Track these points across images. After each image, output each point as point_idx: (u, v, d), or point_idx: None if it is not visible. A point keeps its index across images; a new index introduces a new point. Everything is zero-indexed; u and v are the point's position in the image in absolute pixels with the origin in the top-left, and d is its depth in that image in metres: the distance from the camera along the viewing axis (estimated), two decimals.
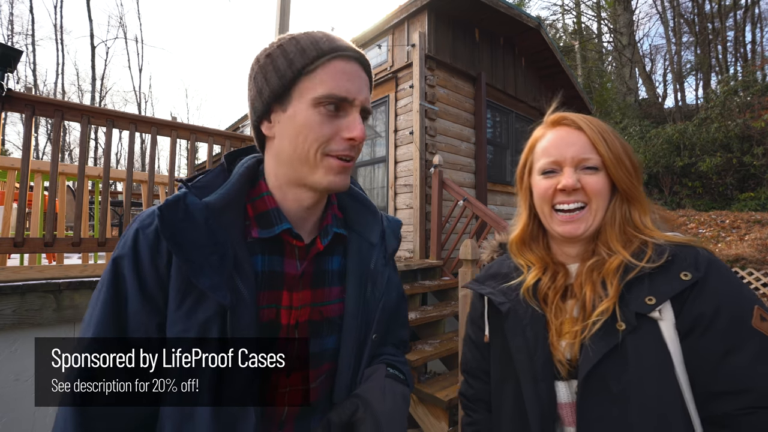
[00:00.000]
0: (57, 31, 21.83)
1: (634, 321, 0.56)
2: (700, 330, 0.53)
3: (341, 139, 0.55)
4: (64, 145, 22.40)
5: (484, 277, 0.78)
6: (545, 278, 0.69)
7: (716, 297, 0.53)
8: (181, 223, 0.51)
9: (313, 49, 0.54)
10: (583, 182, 0.64)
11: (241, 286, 0.52)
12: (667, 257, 0.57)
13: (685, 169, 11.28)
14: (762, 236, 7.21)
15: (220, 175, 0.61)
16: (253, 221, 0.58)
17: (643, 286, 0.57)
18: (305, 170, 0.56)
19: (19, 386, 1.75)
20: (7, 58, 2.03)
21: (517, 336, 0.67)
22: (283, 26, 3.12)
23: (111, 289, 0.52)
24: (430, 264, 3.66)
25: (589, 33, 20.10)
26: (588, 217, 0.65)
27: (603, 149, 0.64)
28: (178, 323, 0.51)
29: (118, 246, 0.54)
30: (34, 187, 2.77)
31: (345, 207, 0.69)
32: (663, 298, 0.55)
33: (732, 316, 0.52)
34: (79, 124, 2.19)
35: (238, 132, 6.97)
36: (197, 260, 0.50)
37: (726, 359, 0.51)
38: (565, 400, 0.62)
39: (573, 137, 0.66)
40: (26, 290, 1.81)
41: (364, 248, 0.67)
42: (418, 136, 4.09)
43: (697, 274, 0.54)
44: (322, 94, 0.53)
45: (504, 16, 4.63)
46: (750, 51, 15.63)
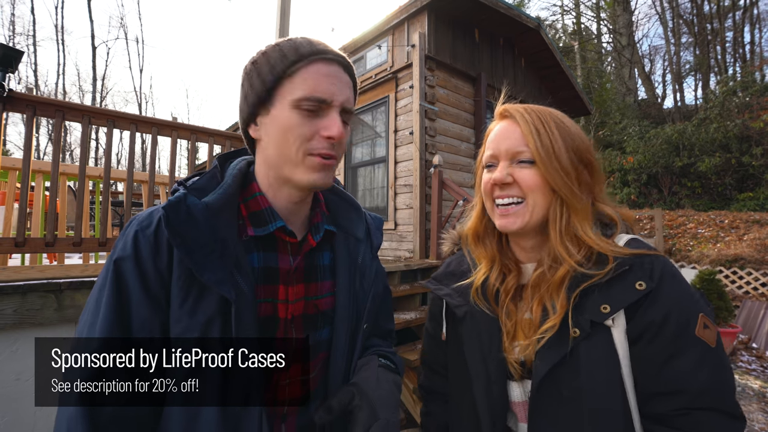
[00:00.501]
0: (58, 32, 21.84)
1: (588, 328, 0.56)
2: (648, 337, 0.55)
3: (320, 137, 0.57)
4: (65, 145, 22.39)
5: (443, 274, 0.77)
6: (492, 277, 0.68)
7: (666, 306, 0.55)
8: (184, 224, 0.53)
9: (294, 53, 0.57)
10: (515, 176, 0.62)
11: (241, 282, 0.54)
12: (624, 267, 0.57)
13: (684, 169, 11.30)
14: (761, 236, 7.22)
15: (214, 176, 0.63)
16: (247, 220, 0.61)
17: (598, 294, 0.57)
18: (289, 169, 0.59)
19: (20, 386, 1.75)
20: (8, 59, 2.03)
21: (472, 339, 0.67)
22: (284, 27, 3.13)
23: (114, 290, 0.52)
24: (430, 264, 3.66)
25: (588, 33, 20.12)
26: (524, 212, 0.62)
27: (533, 142, 0.61)
28: (182, 320, 0.52)
29: (117, 247, 0.55)
30: (35, 187, 2.78)
31: (331, 205, 0.72)
32: (618, 307, 0.56)
33: (678, 324, 0.54)
34: (80, 125, 2.19)
35: (238, 132, 6.98)
36: (201, 258, 0.52)
37: (668, 364, 0.54)
38: (518, 399, 0.63)
39: (509, 130, 0.64)
40: (27, 290, 1.81)
41: (351, 243, 0.70)
42: (418, 137, 4.10)
43: (651, 284, 0.55)
44: (301, 95, 0.56)
45: (504, 17, 4.64)
46: (749, 51, 15.66)
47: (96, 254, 2.88)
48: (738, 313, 5.20)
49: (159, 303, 0.53)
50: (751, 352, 4.46)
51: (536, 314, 0.62)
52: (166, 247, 0.54)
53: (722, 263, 6.62)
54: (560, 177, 0.60)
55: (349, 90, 0.61)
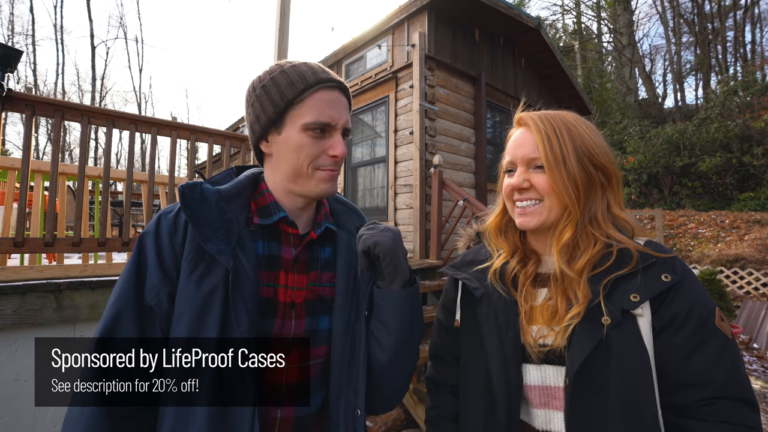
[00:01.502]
0: (57, 32, 21.84)
1: (620, 316, 0.59)
2: (674, 327, 0.59)
3: (327, 156, 0.67)
4: (65, 145, 22.40)
5: (461, 263, 0.80)
6: (513, 262, 0.72)
7: (690, 298, 0.59)
8: (198, 203, 0.63)
9: (301, 82, 0.66)
10: (532, 181, 0.67)
11: (243, 258, 0.62)
12: (649, 261, 0.61)
13: (684, 169, 11.29)
14: (761, 236, 7.22)
15: (229, 174, 0.76)
16: (255, 213, 0.70)
17: (626, 284, 0.61)
18: (301, 181, 0.68)
19: (20, 386, 1.75)
20: (7, 59, 2.03)
21: (489, 320, 0.70)
22: (283, 27, 3.12)
23: (135, 259, 0.63)
24: (430, 264, 3.66)
25: (588, 33, 20.10)
26: (541, 211, 0.67)
27: (542, 148, 0.66)
28: (188, 288, 0.60)
29: (145, 228, 0.66)
30: (35, 187, 2.78)
31: (334, 210, 0.81)
32: (646, 296, 0.59)
33: (700, 317, 0.58)
34: (79, 124, 2.19)
35: (238, 132, 6.97)
36: (207, 231, 0.61)
37: (693, 355, 0.57)
38: (534, 382, 0.65)
39: (524, 137, 0.69)
40: (26, 290, 1.81)
41: (352, 242, 0.77)
42: (418, 136, 4.10)
43: (675, 277, 0.60)
44: (310, 121, 0.65)
45: (504, 16, 4.64)
46: (750, 51, 15.64)
47: (95, 254, 2.88)
48: (739, 313, 5.19)
49: (169, 275, 0.62)
50: (752, 353, 4.45)
51: (561, 304, 0.64)
52: (182, 228, 0.64)
53: (723, 263, 6.61)
54: (564, 183, 0.64)
55: (347, 111, 0.70)
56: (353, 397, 0.68)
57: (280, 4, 3.12)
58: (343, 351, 0.68)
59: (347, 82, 4.26)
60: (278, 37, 3.08)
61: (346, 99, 0.71)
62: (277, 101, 0.66)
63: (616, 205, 0.68)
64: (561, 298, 0.65)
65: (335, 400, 0.67)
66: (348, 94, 0.72)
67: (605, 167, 0.67)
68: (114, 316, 0.59)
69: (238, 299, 0.60)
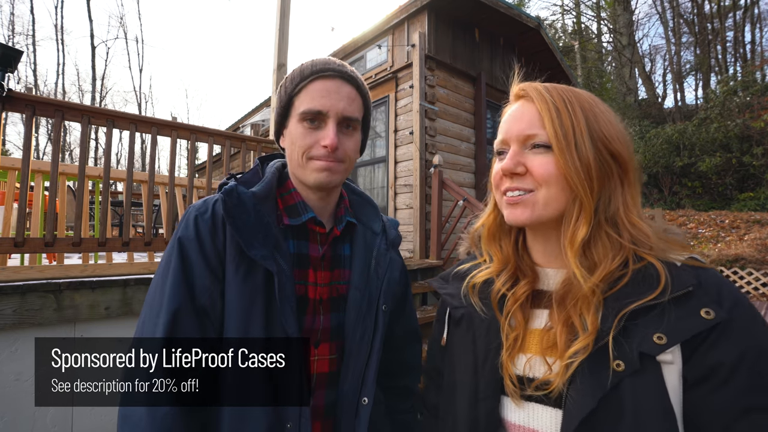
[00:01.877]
0: (57, 32, 21.84)
1: (637, 363, 0.44)
2: (716, 382, 0.43)
3: (319, 146, 0.67)
4: (65, 145, 22.40)
5: (450, 275, 0.70)
6: (501, 280, 0.59)
7: (741, 344, 0.43)
8: (237, 208, 0.64)
9: (299, 75, 0.68)
10: (528, 165, 0.52)
11: (280, 260, 0.64)
12: (684, 288, 0.45)
13: (684, 169, 11.29)
14: (761, 236, 7.22)
15: (256, 173, 0.75)
16: (283, 212, 0.71)
17: (650, 319, 0.45)
18: (300, 172, 0.70)
19: (20, 386, 1.75)
20: (7, 59, 2.03)
21: (464, 344, 0.59)
22: (283, 27, 3.12)
23: (179, 261, 0.62)
24: (430, 264, 3.66)
25: (588, 33, 20.11)
26: (534, 202, 0.52)
27: (549, 122, 0.51)
28: (236, 283, 0.62)
29: (180, 228, 0.65)
30: (35, 187, 2.77)
31: (352, 202, 0.82)
32: (677, 339, 0.43)
33: (756, 369, 0.42)
34: (79, 124, 2.19)
35: (238, 132, 6.97)
36: (248, 236, 0.62)
37: (745, 417, 0.41)
38: (516, 421, 0.52)
39: (524, 111, 0.55)
40: (27, 290, 1.81)
41: (368, 236, 0.78)
42: (418, 136, 4.10)
43: (721, 313, 0.43)
44: (301, 110, 0.67)
45: (504, 17, 4.64)
46: (749, 51, 15.64)
47: (95, 254, 2.88)
48: None
49: (216, 275, 0.63)
50: None
51: (562, 334, 0.50)
52: (221, 229, 0.65)
53: (723, 263, 6.61)
54: (575, 168, 0.50)
55: (349, 99, 0.68)
56: (360, 386, 0.69)
57: (280, 4, 3.12)
58: (352, 342, 0.69)
59: None
60: (278, 37, 3.08)
61: (352, 88, 0.69)
62: (283, 97, 0.70)
63: (632, 208, 0.53)
64: (562, 326, 0.50)
65: (343, 387, 0.69)
66: (356, 83, 0.70)
67: (622, 157, 0.52)
68: (172, 315, 0.59)
69: (285, 301, 0.62)
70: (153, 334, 0.58)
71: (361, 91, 0.71)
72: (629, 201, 0.53)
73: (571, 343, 0.49)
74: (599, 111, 0.54)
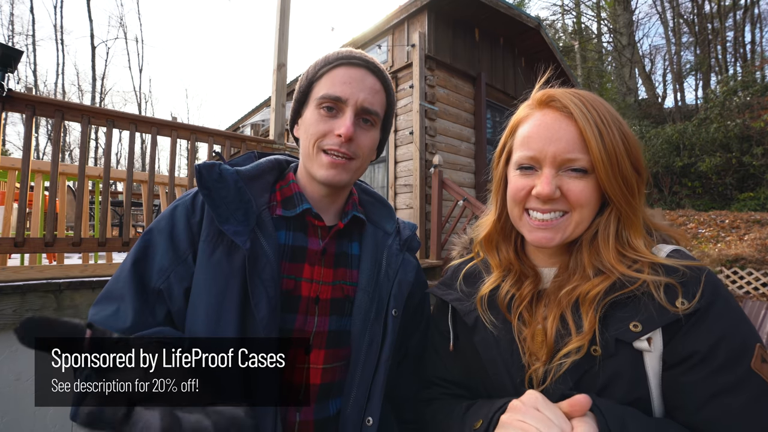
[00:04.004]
0: (57, 32, 21.84)
1: (613, 348, 0.47)
2: (690, 364, 0.46)
3: (333, 135, 0.63)
4: (65, 145, 22.40)
5: (451, 279, 0.68)
6: (507, 285, 0.60)
7: (714, 333, 0.46)
8: (216, 183, 0.60)
9: (323, 61, 0.66)
10: (564, 189, 0.52)
11: (263, 241, 0.60)
12: (665, 280, 0.48)
13: (684, 169, 11.29)
14: (761, 236, 7.22)
15: (250, 158, 0.72)
16: (279, 204, 0.68)
17: (629, 308, 0.48)
18: (309, 163, 0.66)
19: (20, 386, 1.75)
20: (7, 59, 2.03)
21: (489, 348, 0.58)
22: (283, 27, 3.12)
23: (141, 243, 0.59)
24: (430, 264, 3.66)
25: (588, 33, 20.11)
26: (567, 226, 0.53)
27: (595, 147, 0.50)
28: (208, 270, 0.58)
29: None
30: (35, 187, 2.77)
31: (362, 201, 0.77)
32: (650, 327, 0.46)
33: (730, 354, 0.45)
34: (79, 125, 2.19)
35: (239, 132, 6.97)
36: (225, 212, 0.58)
37: (717, 398, 0.44)
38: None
39: (560, 128, 0.52)
40: (27, 290, 1.81)
41: (380, 236, 0.73)
42: (418, 136, 4.10)
43: (696, 304, 0.46)
44: (320, 95, 0.63)
45: (504, 17, 4.64)
46: (749, 51, 15.64)
47: (95, 254, 2.88)
48: None
49: (182, 254, 0.59)
50: None
51: (551, 329, 0.52)
52: (200, 208, 0.62)
53: (723, 263, 6.61)
54: (621, 188, 0.51)
55: (373, 92, 0.65)
56: (365, 403, 0.61)
57: (280, 4, 3.12)
58: (359, 352, 0.63)
59: None
60: (278, 37, 3.08)
61: (377, 80, 0.66)
62: (303, 83, 0.67)
63: (640, 214, 0.56)
64: (553, 322, 0.52)
65: (346, 403, 0.62)
66: (381, 76, 0.67)
67: (642, 170, 0.54)
68: (107, 297, 0.56)
69: (257, 281, 0.56)
70: (95, 315, 0.57)
71: (386, 85, 0.67)
72: (641, 208, 0.54)
73: (560, 337, 0.51)
74: (625, 128, 0.53)
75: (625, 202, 0.52)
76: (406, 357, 0.75)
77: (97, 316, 0.56)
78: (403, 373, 0.74)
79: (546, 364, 0.52)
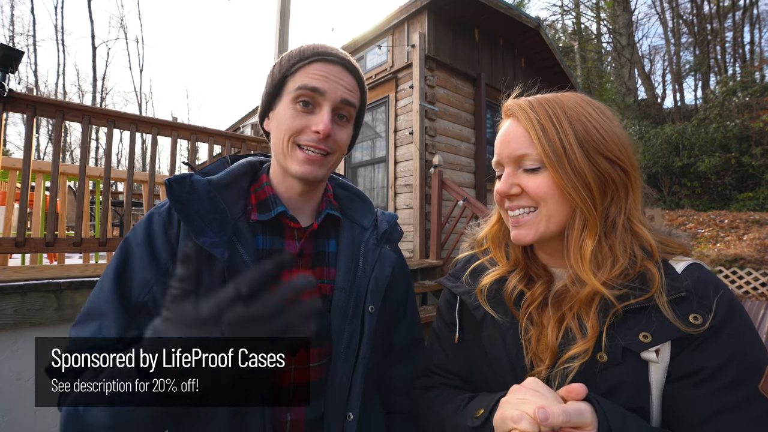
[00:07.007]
0: (58, 32, 21.84)
1: (620, 357, 0.47)
2: (697, 380, 0.46)
3: (310, 131, 0.62)
4: (65, 145, 22.39)
5: (461, 270, 0.69)
6: (514, 280, 0.60)
7: (727, 351, 0.45)
8: (188, 195, 0.60)
9: (298, 55, 0.64)
10: (523, 185, 0.54)
11: (241, 249, 0.60)
12: (678, 293, 0.47)
13: (683, 169, 11.32)
14: (760, 236, 7.23)
15: (222, 164, 0.71)
16: (254, 207, 0.67)
17: (639, 318, 0.48)
18: (282, 159, 0.65)
19: (20, 386, 1.75)
20: (8, 59, 2.03)
21: (496, 345, 0.58)
22: (283, 27, 3.13)
23: (121, 256, 0.58)
24: (430, 264, 3.66)
25: (588, 33, 20.13)
26: (535, 221, 0.54)
27: (538, 142, 0.52)
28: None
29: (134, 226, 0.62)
30: (36, 187, 2.78)
31: (338, 196, 0.76)
32: (661, 339, 0.46)
33: (739, 374, 0.44)
34: (80, 125, 2.19)
35: (239, 132, 6.97)
36: (200, 225, 0.58)
37: (721, 415, 0.44)
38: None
39: (513, 131, 0.55)
40: (27, 290, 1.81)
41: (357, 231, 0.72)
42: (418, 137, 4.10)
43: (710, 321, 0.45)
44: (297, 86, 0.61)
45: (504, 17, 4.64)
46: (749, 52, 15.66)
47: (96, 254, 2.88)
48: None
49: (163, 266, 0.58)
50: None
51: (552, 335, 0.52)
52: (176, 222, 0.60)
53: (722, 263, 6.62)
54: (572, 183, 0.51)
55: (349, 89, 0.64)
56: (345, 399, 0.62)
57: (280, 4, 3.13)
58: (338, 348, 0.64)
59: None
60: (278, 37, 3.09)
61: (354, 79, 0.65)
62: (276, 75, 0.65)
63: (635, 213, 0.54)
64: (554, 327, 0.52)
65: (328, 400, 0.63)
66: (357, 75, 0.66)
67: (621, 160, 0.53)
68: (88, 315, 0.55)
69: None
70: (78, 335, 0.55)
71: (360, 85, 0.67)
72: (632, 206, 0.54)
73: (561, 339, 0.52)
74: (589, 115, 0.54)
75: (579, 197, 0.51)
76: (392, 349, 0.75)
77: (79, 337, 0.55)
78: (393, 363, 0.75)
79: (549, 369, 0.52)
